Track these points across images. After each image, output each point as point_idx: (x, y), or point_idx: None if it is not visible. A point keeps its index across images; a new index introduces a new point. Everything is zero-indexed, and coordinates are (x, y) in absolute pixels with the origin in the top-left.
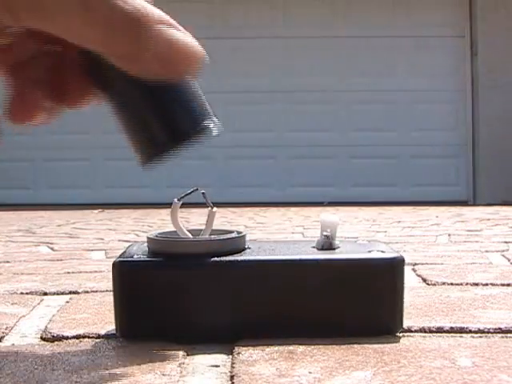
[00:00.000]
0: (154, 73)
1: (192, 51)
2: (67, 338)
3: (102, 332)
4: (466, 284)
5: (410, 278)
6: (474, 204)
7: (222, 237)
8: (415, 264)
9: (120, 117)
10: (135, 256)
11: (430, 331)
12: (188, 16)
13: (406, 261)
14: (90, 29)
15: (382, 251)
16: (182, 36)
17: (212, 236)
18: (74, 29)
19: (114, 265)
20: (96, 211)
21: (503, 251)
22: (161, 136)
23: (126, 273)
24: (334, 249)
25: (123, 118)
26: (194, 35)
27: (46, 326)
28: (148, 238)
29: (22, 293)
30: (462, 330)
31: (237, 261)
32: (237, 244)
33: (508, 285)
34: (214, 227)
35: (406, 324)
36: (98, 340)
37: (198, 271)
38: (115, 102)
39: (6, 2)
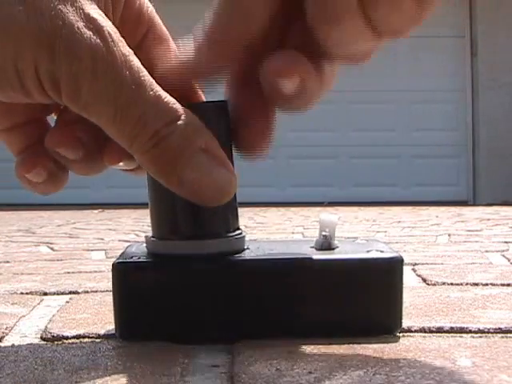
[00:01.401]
0: (177, 192)
1: (221, 191)
2: (67, 338)
3: (102, 332)
4: (466, 284)
5: (409, 278)
6: (474, 204)
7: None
8: (415, 264)
9: (150, 190)
10: (134, 257)
11: (430, 331)
12: (188, 16)
13: (406, 261)
14: (117, 129)
15: (381, 251)
16: (217, 172)
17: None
18: (104, 124)
19: (113, 266)
20: (96, 211)
21: (503, 251)
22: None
23: (125, 274)
24: (333, 249)
25: (152, 193)
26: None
27: (46, 326)
28: (146, 238)
29: (22, 293)
30: (462, 330)
31: (236, 261)
32: (236, 244)
33: (508, 285)
34: None
35: (405, 324)
36: (97, 340)
37: (196, 272)
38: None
39: (52, 81)
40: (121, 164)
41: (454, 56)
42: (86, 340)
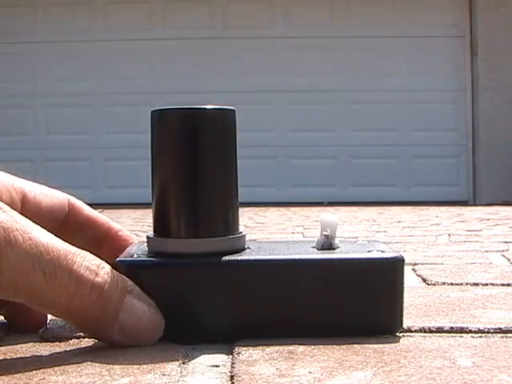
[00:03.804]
0: (118, 342)
1: (154, 326)
2: (67, 338)
3: None
4: (466, 284)
5: (409, 278)
6: (474, 204)
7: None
8: (415, 264)
9: (153, 190)
10: (135, 255)
11: (430, 331)
12: (188, 16)
13: (406, 261)
14: (54, 296)
15: (382, 251)
16: (147, 310)
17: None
18: (36, 296)
19: (115, 265)
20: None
21: (503, 251)
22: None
23: (125, 272)
24: (334, 249)
25: (155, 193)
26: (194, 36)
27: (46, 326)
28: (147, 237)
29: None
30: (462, 330)
31: (236, 260)
32: (236, 244)
33: (508, 285)
34: None
35: (405, 324)
36: (98, 340)
37: (197, 271)
38: None
39: None
40: None
41: (454, 56)
42: (86, 340)
